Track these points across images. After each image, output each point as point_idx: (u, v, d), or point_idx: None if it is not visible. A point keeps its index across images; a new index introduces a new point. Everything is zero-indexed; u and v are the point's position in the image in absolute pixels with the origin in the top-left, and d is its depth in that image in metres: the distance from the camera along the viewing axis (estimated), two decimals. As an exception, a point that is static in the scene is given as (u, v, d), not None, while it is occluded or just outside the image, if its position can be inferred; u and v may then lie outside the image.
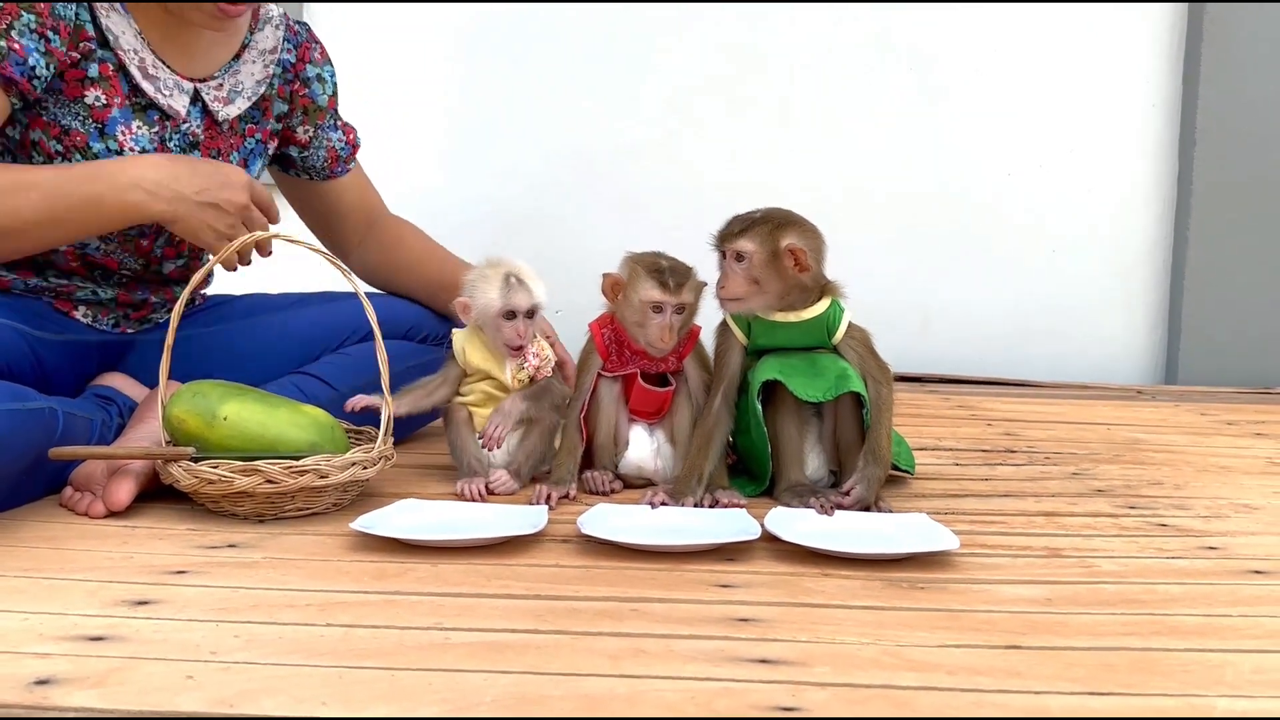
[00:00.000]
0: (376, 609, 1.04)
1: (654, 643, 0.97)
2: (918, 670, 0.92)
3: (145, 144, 1.48)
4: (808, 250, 1.43)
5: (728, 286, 1.44)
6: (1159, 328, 2.98)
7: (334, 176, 1.77)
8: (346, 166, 1.78)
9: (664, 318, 1.47)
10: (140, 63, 1.47)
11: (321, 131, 1.72)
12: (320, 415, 1.40)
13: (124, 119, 1.47)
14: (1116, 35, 2.92)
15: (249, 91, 1.59)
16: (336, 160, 1.76)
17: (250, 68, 1.60)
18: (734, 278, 1.44)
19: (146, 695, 0.84)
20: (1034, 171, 2.95)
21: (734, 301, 1.45)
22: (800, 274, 1.44)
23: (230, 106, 1.56)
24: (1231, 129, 2.85)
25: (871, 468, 1.42)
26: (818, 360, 1.48)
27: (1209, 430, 2.13)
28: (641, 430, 1.57)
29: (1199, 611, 1.09)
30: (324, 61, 1.72)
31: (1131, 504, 1.52)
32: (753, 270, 1.43)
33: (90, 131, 1.44)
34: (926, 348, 2.92)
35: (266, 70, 1.61)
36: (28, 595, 1.06)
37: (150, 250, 1.55)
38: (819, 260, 1.46)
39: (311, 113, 1.71)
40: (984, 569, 1.21)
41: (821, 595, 1.11)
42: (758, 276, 1.43)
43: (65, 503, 1.37)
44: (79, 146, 1.44)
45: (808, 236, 1.45)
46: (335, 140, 1.75)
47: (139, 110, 1.48)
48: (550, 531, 1.30)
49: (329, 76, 1.72)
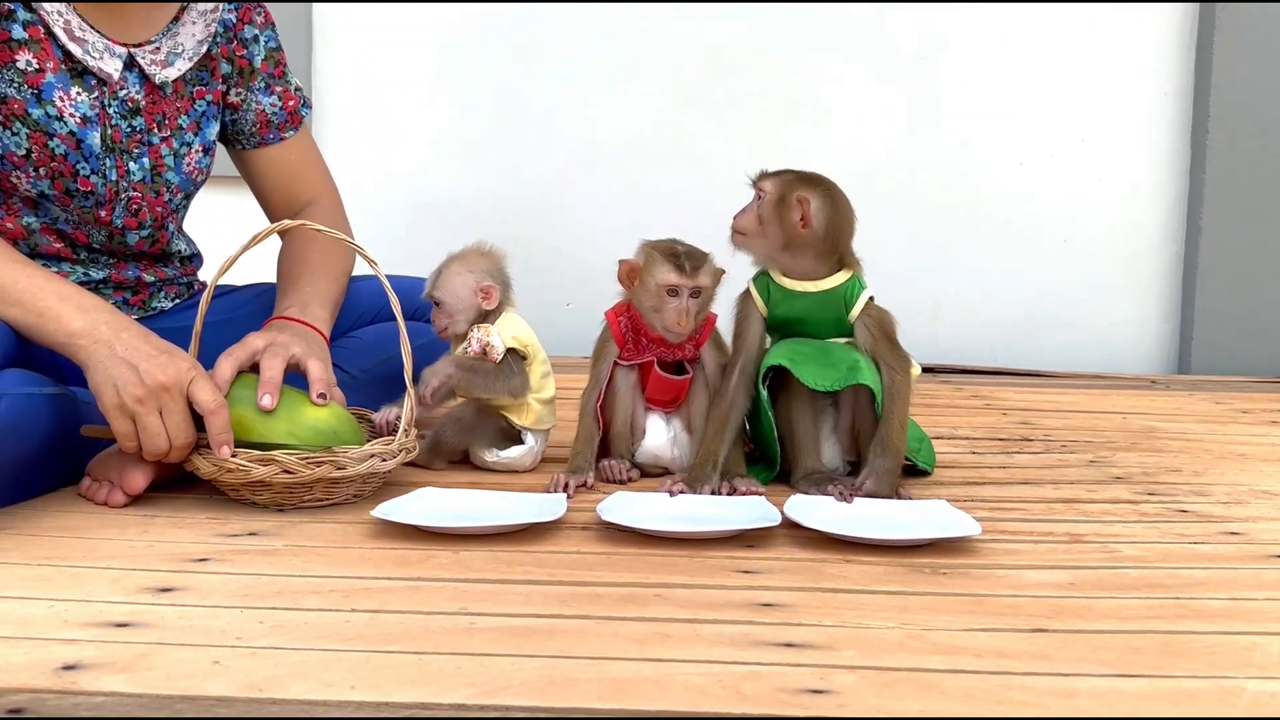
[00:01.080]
0: (400, 595, 1.04)
1: (679, 627, 0.97)
2: (945, 653, 0.92)
3: (85, 110, 1.45)
4: (817, 209, 1.43)
5: (739, 219, 1.49)
6: (1171, 317, 2.97)
7: (264, 144, 1.68)
8: (280, 134, 1.68)
9: (680, 301, 1.46)
10: (65, 25, 1.43)
11: (252, 94, 1.65)
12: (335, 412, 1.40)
13: (61, 84, 1.43)
14: (1128, 24, 2.91)
15: (189, 52, 1.54)
16: (266, 126, 1.67)
17: (190, 29, 1.55)
18: (747, 213, 1.48)
19: (174, 680, 0.84)
20: (1046, 161, 2.94)
21: (738, 235, 1.49)
22: (802, 228, 1.44)
23: (169, 69, 1.52)
24: (1244, 117, 2.84)
25: (880, 459, 1.41)
26: (831, 350, 1.47)
27: (1224, 418, 2.12)
28: (658, 419, 1.57)
29: (1224, 595, 1.09)
30: (266, 26, 1.66)
31: (1151, 490, 1.51)
32: (762, 210, 1.46)
33: (27, 98, 1.41)
34: (938, 337, 2.92)
35: (208, 29, 1.56)
36: (52, 583, 1.06)
37: (110, 221, 1.52)
38: (831, 227, 1.45)
39: (246, 74, 1.64)
40: (1006, 554, 1.21)
41: (844, 581, 1.11)
42: (764, 217, 1.46)
43: (84, 492, 1.37)
44: (19, 115, 1.41)
45: (826, 199, 1.45)
46: (266, 104, 1.66)
47: (76, 76, 1.45)
48: (569, 519, 1.30)
49: (266, 40, 1.66)
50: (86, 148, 1.45)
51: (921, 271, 2.91)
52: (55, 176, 1.45)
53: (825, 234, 1.45)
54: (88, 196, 1.47)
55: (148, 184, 1.53)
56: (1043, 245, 2.96)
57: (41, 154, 1.43)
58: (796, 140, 2.89)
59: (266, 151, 1.69)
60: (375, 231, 2.23)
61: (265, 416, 1.32)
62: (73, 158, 1.44)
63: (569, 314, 1.76)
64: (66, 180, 1.45)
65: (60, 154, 1.44)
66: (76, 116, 1.44)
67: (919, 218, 2.92)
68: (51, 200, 1.47)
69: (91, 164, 1.46)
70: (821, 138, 2.90)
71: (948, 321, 2.95)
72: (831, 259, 1.47)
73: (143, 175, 1.52)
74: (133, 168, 1.51)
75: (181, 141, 1.56)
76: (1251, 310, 2.87)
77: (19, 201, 1.47)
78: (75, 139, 1.44)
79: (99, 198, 1.49)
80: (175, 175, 1.56)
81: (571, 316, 1.76)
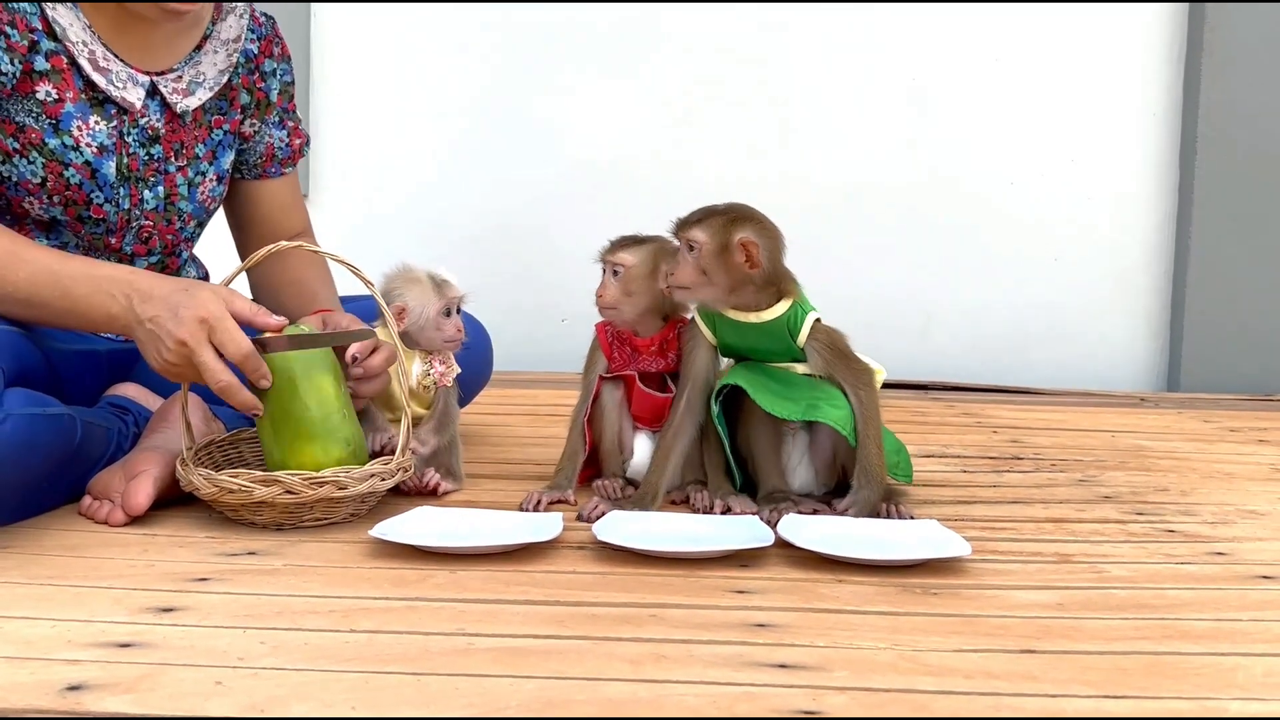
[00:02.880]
0: (399, 615, 1.06)
1: (674, 648, 0.99)
2: (935, 674, 0.94)
3: (103, 139, 1.46)
4: (761, 247, 1.42)
5: (677, 274, 1.44)
6: (1160, 335, 3.00)
7: (265, 176, 1.70)
8: (281, 169, 1.71)
9: (604, 276, 1.52)
10: (90, 55, 1.44)
11: (265, 127, 1.67)
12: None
13: (80, 114, 1.45)
14: (1116, 45, 2.94)
15: (211, 81, 1.56)
16: (271, 159, 1.69)
17: (212, 58, 1.56)
18: (684, 266, 1.44)
19: (178, 700, 0.86)
20: (1036, 180, 2.97)
21: (682, 290, 1.45)
22: (750, 270, 1.42)
23: (190, 98, 1.53)
24: (1232, 137, 2.87)
25: (865, 491, 1.41)
26: (792, 379, 1.47)
27: (1212, 437, 2.14)
28: (645, 438, 1.57)
29: (1209, 616, 1.11)
30: (283, 58, 1.68)
31: (1139, 510, 1.53)
32: (702, 261, 1.42)
33: (44, 128, 1.43)
34: (928, 353, 2.94)
35: (230, 59, 1.58)
36: (55, 602, 1.07)
37: (120, 248, 1.54)
38: (772, 258, 1.44)
39: (262, 107, 1.66)
40: (996, 574, 1.23)
41: (836, 601, 1.13)
42: (706, 268, 1.42)
43: (84, 511, 1.38)
44: (35, 144, 1.43)
45: (763, 233, 1.43)
46: (276, 138, 1.69)
47: (96, 105, 1.46)
48: (565, 538, 1.32)
49: (283, 74, 1.68)
50: (101, 177, 1.47)
51: (912, 288, 2.93)
52: (68, 204, 1.47)
53: (770, 267, 1.44)
54: (99, 224, 1.49)
55: (160, 212, 1.55)
56: (1032, 263, 2.98)
57: (56, 182, 1.45)
58: (789, 157, 2.92)
59: (264, 184, 1.71)
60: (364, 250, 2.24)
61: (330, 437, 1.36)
62: (87, 186, 1.46)
63: (563, 330, 1.77)
64: (79, 208, 1.48)
65: (75, 183, 1.46)
66: (93, 146, 1.46)
67: (910, 235, 2.94)
68: (64, 226, 1.49)
69: (105, 193, 1.48)
70: (814, 156, 2.92)
71: (938, 337, 2.97)
72: (770, 290, 1.45)
73: (156, 204, 1.54)
74: (147, 196, 1.53)
75: (197, 170, 1.58)
76: (1240, 328, 2.89)
77: (32, 225, 1.49)
78: (90, 168, 1.46)
79: (110, 225, 1.51)
80: (188, 204, 1.58)
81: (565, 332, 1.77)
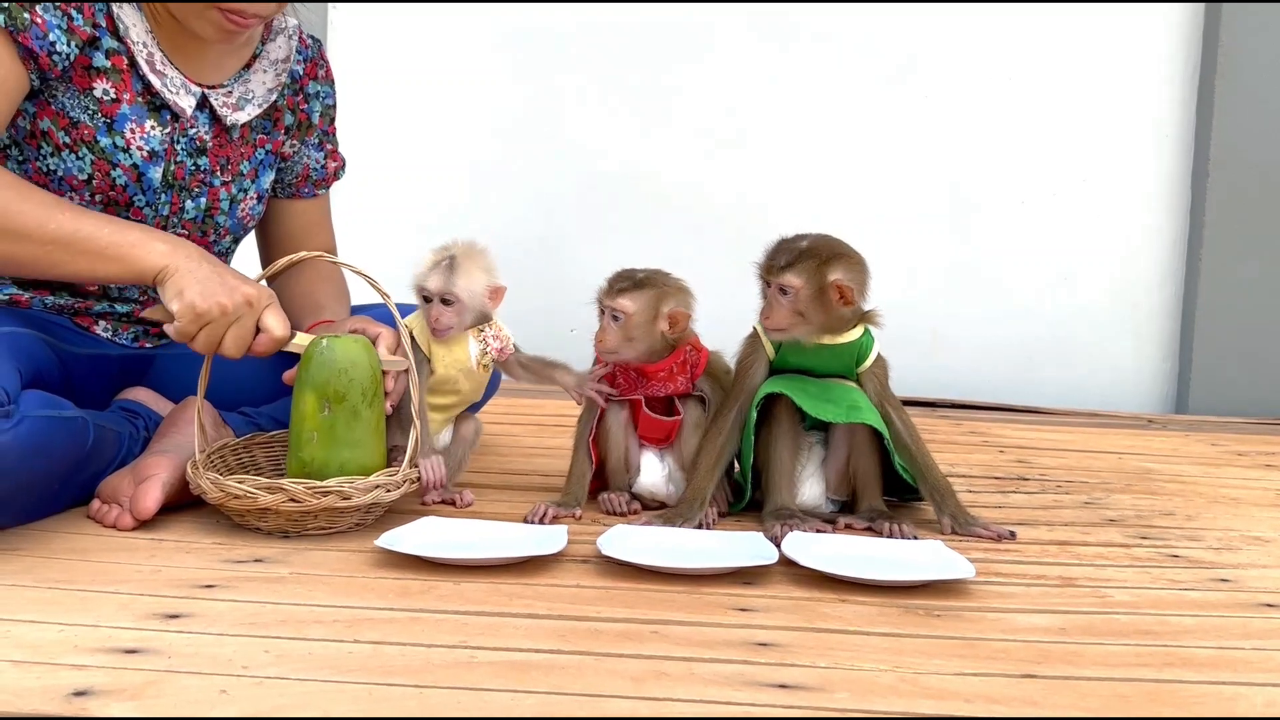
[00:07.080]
0: (403, 626, 1.06)
1: (675, 665, 0.99)
2: (935, 698, 0.94)
3: (155, 145, 1.48)
4: (854, 286, 1.44)
5: (773, 318, 1.46)
6: (1169, 357, 2.99)
7: (297, 196, 1.72)
8: (315, 190, 1.72)
9: (603, 319, 1.51)
10: (149, 57, 1.46)
11: (305, 148, 1.69)
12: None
13: (135, 116, 1.46)
14: (1130, 65, 2.95)
15: (259, 99, 1.58)
16: (305, 180, 1.71)
17: (262, 76, 1.59)
18: (779, 309, 1.45)
19: (183, 708, 0.86)
20: (1048, 200, 2.97)
21: (778, 331, 1.47)
22: (845, 307, 1.45)
23: (240, 113, 1.55)
24: (1244, 160, 2.87)
25: (949, 505, 1.49)
26: (830, 388, 1.49)
27: (1220, 461, 2.14)
28: (652, 456, 1.58)
29: (1211, 644, 1.11)
30: (326, 81, 1.70)
31: (1143, 534, 1.53)
32: (798, 304, 1.44)
33: (98, 126, 1.44)
34: (936, 372, 2.94)
35: (278, 79, 1.60)
36: (62, 607, 1.08)
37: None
38: (864, 294, 1.47)
39: (304, 128, 1.68)
40: (999, 597, 1.23)
41: (839, 621, 1.13)
42: (803, 310, 1.44)
43: (93, 515, 1.39)
44: (86, 140, 1.44)
45: (854, 270, 1.46)
46: (313, 160, 1.70)
47: (153, 110, 1.48)
48: (570, 551, 1.32)
49: (325, 96, 1.70)
50: (146, 181, 1.48)
51: (921, 305, 2.94)
52: (109, 204, 1.48)
53: (862, 301, 1.48)
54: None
55: (198, 223, 1.56)
56: (1043, 282, 2.99)
57: (102, 181, 1.46)
58: (801, 175, 2.93)
59: (296, 203, 1.73)
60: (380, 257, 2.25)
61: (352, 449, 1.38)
62: (131, 189, 1.47)
63: (576, 340, 1.77)
64: (120, 209, 1.48)
65: (120, 184, 1.47)
66: (144, 150, 1.47)
67: (921, 252, 2.95)
68: None
69: (148, 197, 1.49)
70: (829, 175, 2.93)
71: (946, 355, 2.97)
72: (855, 317, 1.49)
73: (196, 214, 1.55)
74: (188, 205, 1.54)
75: (240, 187, 1.59)
76: (1250, 350, 2.89)
77: None
78: (137, 172, 1.47)
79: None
80: (227, 219, 1.59)
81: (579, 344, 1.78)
